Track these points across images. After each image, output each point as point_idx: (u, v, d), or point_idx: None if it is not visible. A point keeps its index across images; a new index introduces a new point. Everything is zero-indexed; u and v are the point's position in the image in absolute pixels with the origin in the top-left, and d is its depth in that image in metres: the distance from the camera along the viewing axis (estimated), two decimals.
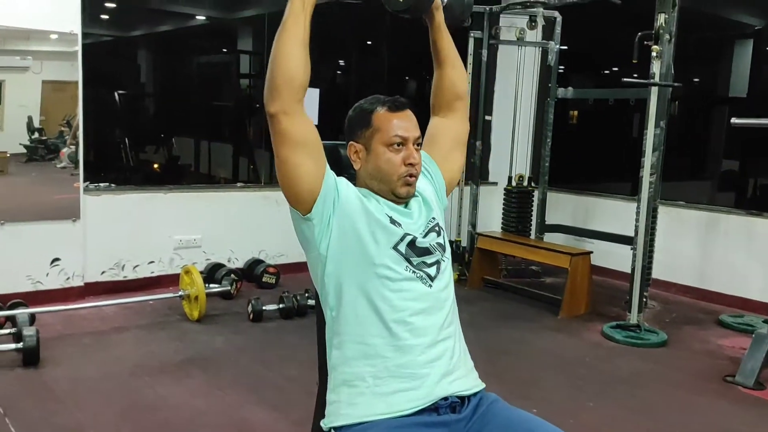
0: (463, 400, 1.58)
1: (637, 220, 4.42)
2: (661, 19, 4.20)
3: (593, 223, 5.82)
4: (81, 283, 4.56)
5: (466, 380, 1.62)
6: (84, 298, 4.50)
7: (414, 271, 1.57)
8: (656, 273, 5.17)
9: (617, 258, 5.20)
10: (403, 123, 1.62)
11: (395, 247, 1.56)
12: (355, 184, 1.65)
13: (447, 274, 1.65)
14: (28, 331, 3.45)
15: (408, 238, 1.58)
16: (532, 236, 5.68)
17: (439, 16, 1.76)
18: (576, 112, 6.88)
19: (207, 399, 3.12)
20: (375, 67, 6.74)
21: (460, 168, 1.85)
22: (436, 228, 1.65)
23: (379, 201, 1.61)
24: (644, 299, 4.59)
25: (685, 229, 5.47)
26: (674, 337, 4.31)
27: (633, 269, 4.40)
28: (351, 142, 1.65)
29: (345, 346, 1.56)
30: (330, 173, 1.57)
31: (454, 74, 1.80)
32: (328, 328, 1.61)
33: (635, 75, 4.76)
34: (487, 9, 5.40)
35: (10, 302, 3.94)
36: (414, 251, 1.58)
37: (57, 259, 4.45)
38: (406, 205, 1.66)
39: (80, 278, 4.56)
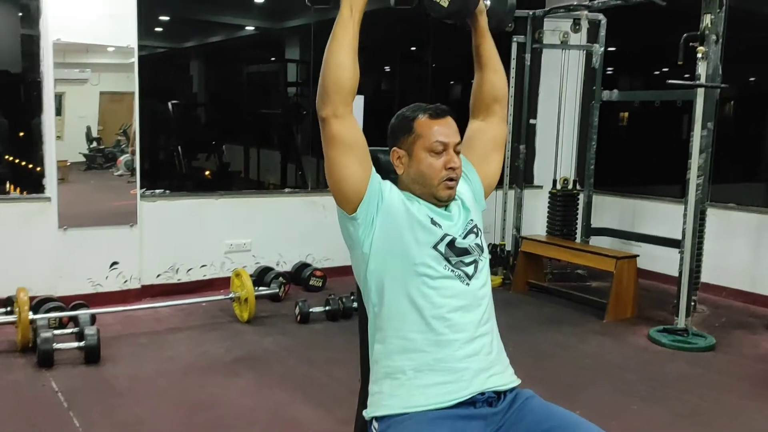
0: (499, 395, 1.64)
1: (684, 223, 4.38)
2: (706, 20, 4.15)
3: (641, 227, 5.75)
4: (138, 285, 4.76)
5: (503, 376, 1.67)
6: (141, 299, 4.69)
7: (452, 270, 1.63)
8: (706, 277, 5.09)
9: (665, 261, 5.13)
10: (444, 129, 1.69)
11: (435, 247, 1.62)
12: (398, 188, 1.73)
13: (484, 273, 1.71)
14: (90, 331, 3.64)
15: (447, 239, 1.64)
16: (578, 240, 5.65)
17: (483, 21, 1.83)
18: (626, 114, 6.81)
19: (256, 397, 3.24)
20: (419, 73, 6.81)
21: (497, 170, 1.89)
22: (475, 230, 1.71)
23: (421, 203, 1.68)
24: (693, 303, 4.53)
25: (736, 231, 5.36)
26: (723, 341, 4.24)
27: (680, 272, 4.35)
28: (394, 148, 1.72)
29: (387, 341, 1.63)
30: (376, 176, 1.64)
31: (495, 78, 1.85)
32: (370, 324, 1.69)
33: (686, 76, 4.70)
34: (530, 13, 5.41)
35: (73, 303, 4.15)
36: (453, 251, 1.64)
37: (116, 263, 4.66)
38: (447, 208, 1.72)
39: (137, 281, 4.76)
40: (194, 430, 2.88)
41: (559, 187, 5.72)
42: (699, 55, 4.13)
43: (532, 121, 6.33)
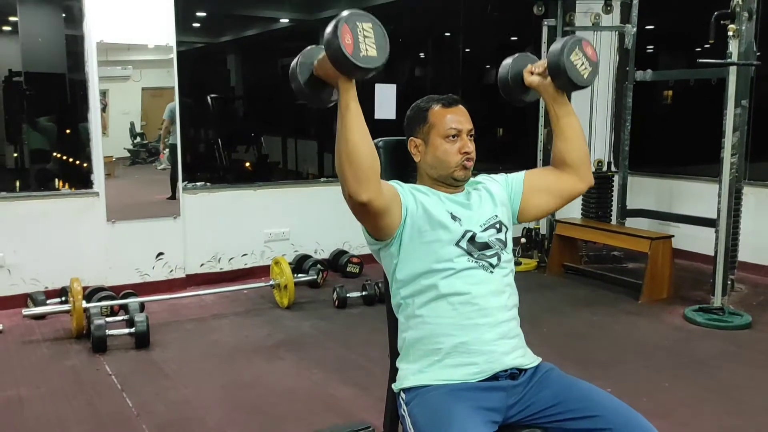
0: (521, 370, 1.73)
1: (719, 202, 4.36)
2: None
3: (679, 207, 5.71)
4: (183, 274, 4.96)
5: (525, 357, 1.76)
6: (186, 288, 4.89)
7: (476, 261, 1.72)
8: (745, 256, 5.07)
9: (703, 242, 5.11)
10: (457, 117, 1.77)
11: (457, 244, 1.71)
12: (415, 177, 1.82)
13: (508, 265, 1.79)
14: (139, 317, 3.84)
15: (468, 235, 1.72)
16: (614, 222, 5.66)
17: (547, 89, 1.83)
18: (670, 93, 6.70)
19: (296, 378, 3.39)
20: (450, 59, 6.85)
21: (540, 210, 1.92)
22: (497, 225, 1.78)
23: (440, 197, 1.76)
24: (730, 282, 4.52)
25: None
26: (760, 319, 4.24)
27: (716, 251, 4.35)
28: (411, 138, 1.82)
29: (418, 328, 1.73)
30: (404, 202, 1.69)
31: (563, 146, 1.87)
32: (400, 313, 1.79)
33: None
34: None
35: (122, 292, 4.36)
36: (474, 246, 1.72)
37: (161, 254, 4.86)
38: (467, 196, 1.81)
39: (182, 270, 4.96)
40: (238, 408, 3.04)
41: (593, 169, 5.71)
42: (730, 33, 4.10)
43: None
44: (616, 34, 5.76)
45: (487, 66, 7.22)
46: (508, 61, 1.90)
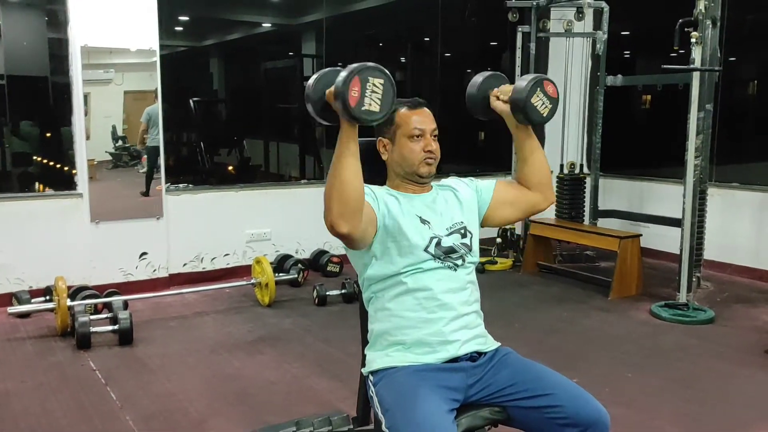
0: (480, 354, 1.88)
1: (684, 203, 4.54)
2: (700, 5, 4.31)
3: (650, 208, 5.89)
4: (166, 274, 5.06)
5: (484, 341, 1.91)
6: (169, 287, 4.99)
7: (441, 262, 1.87)
8: (712, 254, 5.27)
9: (671, 241, 5.26)
10: (421, 118, 1.92)
11: (425, 249, 1.85)
12: (385, 177, 1.96)
13: (472, 265, 1.94)
14: (123, 315, 3.93)
15: (434, 240, 1.86)
16: (586, 222, 5.83)
17: (509, 117, 2.00)
18: (649, 97, 6.86)
19: (277, 371, 3.51)
20: (430, 63, 7.01)
21: (504, 220, 2.08)
22: (461, 230, 1.92)
23: (411, 200, 1.90)
24: (697, 279, 4.71)
25: (741, 210, 5.50)
26: (723, 314, 4.42)
27: (681, 250, 4.53)
28: (379, 138, 1.96)
29: (386, 320, 1.87)
30: (379, 218, 1.81)
31: (527, 170, 2.04)
32: (371, 305, 1.92)
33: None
34: (534, 3, 5.58)
35: (107, 291, 4.46)
36: (441, 250, 1.87)
37: (145, 253, 4.96)
38: (434, 199, 1.94)
39: (165, 270, 5.06)
40: (221, 399, 3.15)
41: (566, 171, 5.90)
42: (693, 40, 4.28)
43: None
44: (589, 41, 5.94)
45: (468, 70, 7.38)
46: (477, 80, 2.06)
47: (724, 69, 5.09)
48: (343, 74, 1.57)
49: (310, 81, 1.68)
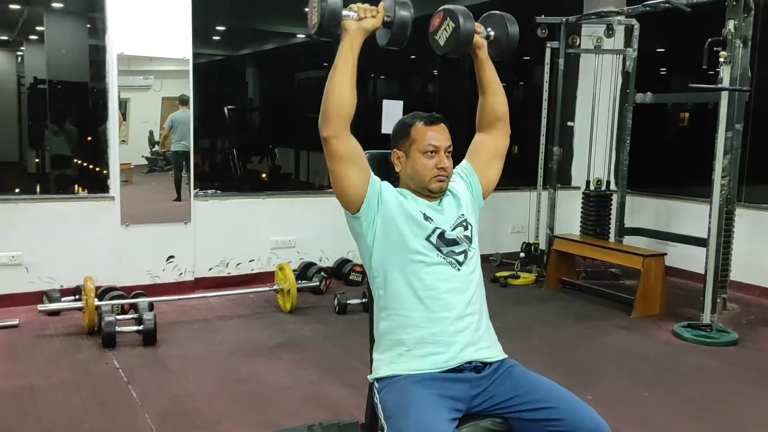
0: (485, 364, 1.90)
1: (709, 222, 4.49)
2: (730, 25, 4.27)
3: (679, 227, 5.80)
4: (192, 278, 5.17)
5: (490, 350, 1.93)
6: (194, 290, 5.09)
7: (444, 257, 1.90)
8: (739, 276, 5.19)
9: (697, 261, 5.18)
10: (436, 134, 1.96)
11: (427, 239, 1.90)
12: (398, 185, 2.01)
13: (474, 261, 1.96)
14: (148, 316, 4.03)
15: (438, 231, 1.91)
16: (612, 239, 5.79)
17: (482, 53, 2.06)
18: (686, 115, 6.79)
19: (293, 376, 3.56)
20: (457, 76, 7.04)
21: (496, 175, 2.13)
22: (464, 223, 1.97)
23: (417, 201, 1.95)
24: (723, 300, 4.64)
25: None
26: (747, 337, 4.35)
27: (706, 270, 4.47)
28: (394, 150, 2.01)
29: (389, 318, 1.92)
30: (375, 180, 1.92)
31: (495, 100, 2.09)
32: (375, 304, 1.98)
33: None
34: (563, 20, 5.59)
35: (133, 292, 4.57)
36: (443, 242, 1.91)
37: (172, 257, 5.07)
38: (439, 202, 1.99)
39: (191, 273, 5.16)
40: (236, 401, 3.22)
41: (592, 188, 5.87)
42: (721, 60, 4.25)
43: (569, 123, 6.52)
44: (619, 57, 5.92)
45: (504, 83, 7.41)
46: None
47: (757, 88, 5.03)
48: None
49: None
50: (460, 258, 1.92)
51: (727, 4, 4.29)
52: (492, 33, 2.08)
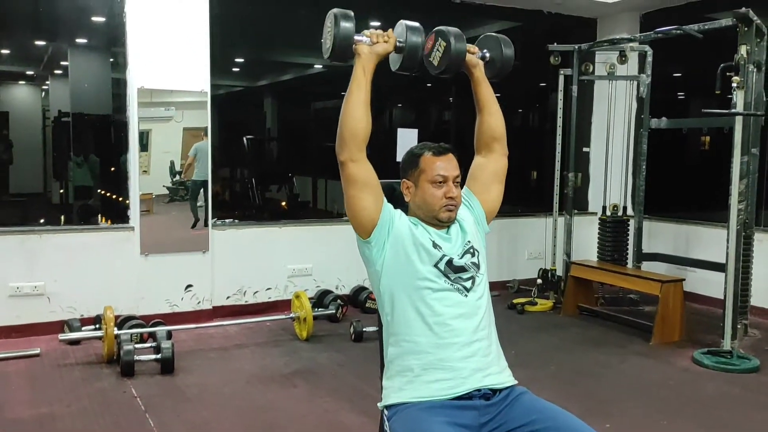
0: (495, 391, 1.90)
1: (727, 247, 4.46)
2: (742, 50, 4.28)
3: (698, 252, 5.76)
4: (210, 306, 5.22)
5: (499, 376, 1.94)
6: (212, 319, 5.14)
7: (451, 284, 1.92)
8: (760, 301, 5.13)
9: (717, 286, 5.12)
10: (445, 164, 1.99)
11: (435, 265, 1.92)
12: (407, 214, 2.04)
13: (481, 287, 1.98)
14: (166, 345, 4.08)
15: (446, 258, 1.93)
16: (629, 265, 5.75)
17: (478, 72, 2.12)
18: (707, 138, 6.77)
19: (309, 404, 3.57)
20: (471, 105, 7.11)
21: (498, 199, 2.16)
22: (471, 250, 1.99)
23: (426, 229, 1.99)
24: (743, 326, 4.59)
25: None
26: None
27: (725, 296, 4.43)
28: (403, 180, 2.05)
29: (398, 344, 1.94)
30: (387, 207, 1.96)
31: (491, 120, 2.14)
32: (384, 330, 2.00)
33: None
34: (576, 47, 5.63)
35: (152, 321, 4.62)
36: (451, 269, 1.93)
37: (190, 286, 5.13)
38: (447, 230, 2.02)
39: (209, 302, 5.22)
40: (252, 429, 3.24)
41: (608, 213, 5.85)
42: (734, 85, 4.25)
43: (585, 149, 6.53)
44: (633, 83, 5.94)
45: (519, 110, 7.46)
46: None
47: None
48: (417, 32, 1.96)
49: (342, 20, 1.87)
50: (468, 284, 1.94)
51: (738, 30, 4.31)
52: (488, 54, 2.14)
